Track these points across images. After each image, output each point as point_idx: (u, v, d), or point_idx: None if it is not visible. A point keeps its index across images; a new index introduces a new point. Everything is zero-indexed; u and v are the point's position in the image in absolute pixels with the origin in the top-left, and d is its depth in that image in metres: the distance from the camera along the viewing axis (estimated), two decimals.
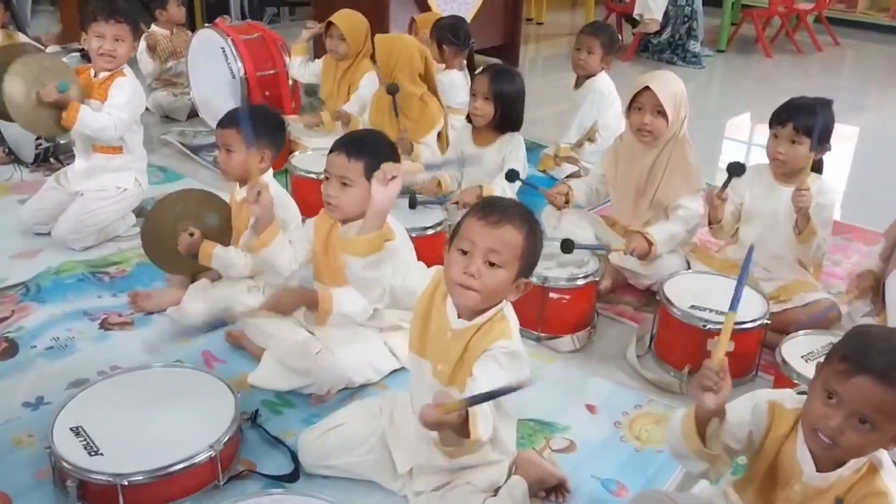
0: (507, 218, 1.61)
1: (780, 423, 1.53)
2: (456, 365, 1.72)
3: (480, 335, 1.69)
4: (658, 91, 2.65)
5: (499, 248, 1.61)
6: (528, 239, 1.64)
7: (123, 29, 2.97)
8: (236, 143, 2.48)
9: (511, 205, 1.68)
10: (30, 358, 2.35)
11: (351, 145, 2.16)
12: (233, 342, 2.44)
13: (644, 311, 2.73)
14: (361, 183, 2.14)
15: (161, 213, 2.52)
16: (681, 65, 6.17)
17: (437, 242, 2.86)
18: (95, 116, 2.92)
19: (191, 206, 2.54)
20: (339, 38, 3.78)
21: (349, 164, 2.13)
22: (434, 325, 1.77)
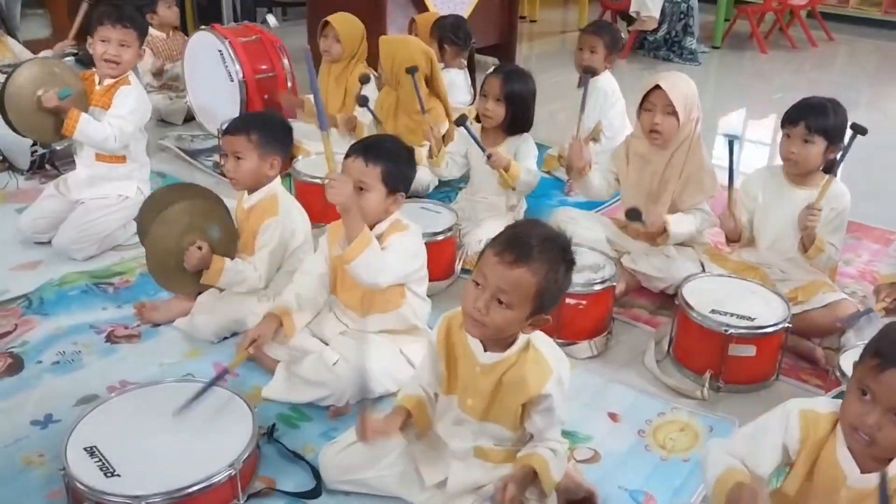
0: (524, 259, 1.54)
1: (815, 430, 1.49)
2: (490, 400, 1.71)
3: (515, 372, 1.67)
4: (669, 90, 2.62)
5: (508, 289, 1.56)
6: (547, 279, 1.57)
7: (130, 35, 2.91)
8: (246, 150, 2.42)
9: (536, 242, 1.57)
10: (36, 373, 2.29)
11: (369, 150, 2.12)
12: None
13: (659, 314, 2.69)
14: (378, 188, 2.10)
15: (164, 229, 2.40)
16: (677, 62, 6.16)
17: (447, 247, 2.82)
18: (96, 127, 2.86)
19: (196, 219, 2.45)
20: (334, 38, 3.73)
21: (367, 169, 2.09)
22: (460, 361, 1.75)
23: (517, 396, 1.68)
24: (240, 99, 3.96)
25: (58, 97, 2.81)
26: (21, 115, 2.90)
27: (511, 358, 1.67)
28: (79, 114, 2.85)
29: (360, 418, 1.74)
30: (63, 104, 2.82)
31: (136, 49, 2.94)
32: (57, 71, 2.92)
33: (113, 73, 2.94)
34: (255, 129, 2.43)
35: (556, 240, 1.62)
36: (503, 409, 1.71)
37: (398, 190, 2.15)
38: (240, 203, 2.57)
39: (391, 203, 2.15)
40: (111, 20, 2.88)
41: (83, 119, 2.85)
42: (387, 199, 2.13)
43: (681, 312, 2.37)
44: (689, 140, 2.70)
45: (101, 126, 2.88)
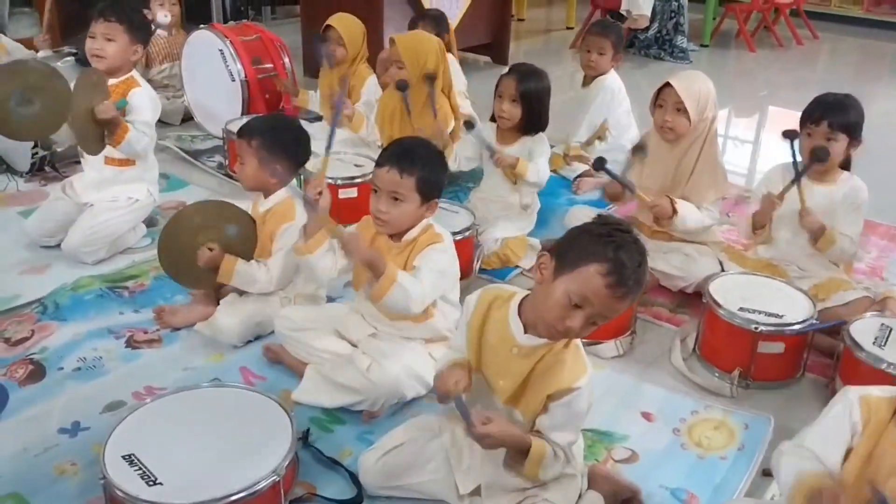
0: (635, 291, 1.54)
1: (877, 412, 1.49)
2: (521, 384, 1.68)
3: (552, 360, 1.65)
4: (679, 88, 2.63)
5: (611, 316, 1.57)
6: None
7: (114, 28, 2.85)
8: (246, 155, 2.41)
9: (644, 273, 1.55)
10: (58, 380, 2.24)
11: (403, 159, 2.07)
12: (271, 357, 2.35)
13: (679, 312, 2.70)
14: (413, 198, 2.08)
15: (179, 225, 2.42)
16: (668, 60, 6.19)
17: (465, 247, 2.80)
18: (137, 137, 2.83)
19: (210, 218, 2.44)
20: (337, 42, 3.69)
21: (401, 181, 2.05)
22: (493, 339, 1.72)
23: (549, 385, 1.65)
24: (242, 98, 3.92)
25: (115, 108, 2.75)
26: (79, 125, 2.79)
27: (550, 345, 1.65)
28: (129, 126, 2.80)
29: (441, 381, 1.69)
30: (118, 115, 2.76)
31: (124, 43, 2.86)
32: (95, 79, 2.83)
33: (100, 66, 2.87)
34: (257, 135, 2.41)
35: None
36: (531, 396, 1.68)
37: (433, 197, 2.13)
38: (255, 207, 2.54)
39: (426, 210, 2.13)
40: (96, 15, 2.84)
41: (131, 130, 2.80)
42: (421, 207, 2.11)
43: (708, 310, 2.38)
44: (702, 137, 2.71)
45: (140, 136, 2.85)
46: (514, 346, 1.68)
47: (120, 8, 2.86)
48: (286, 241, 2.41)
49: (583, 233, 1.59)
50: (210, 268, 2.39)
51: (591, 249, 1.53)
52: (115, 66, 2.89)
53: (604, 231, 1.56)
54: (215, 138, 4.03)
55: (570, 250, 1.56)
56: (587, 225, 1.63)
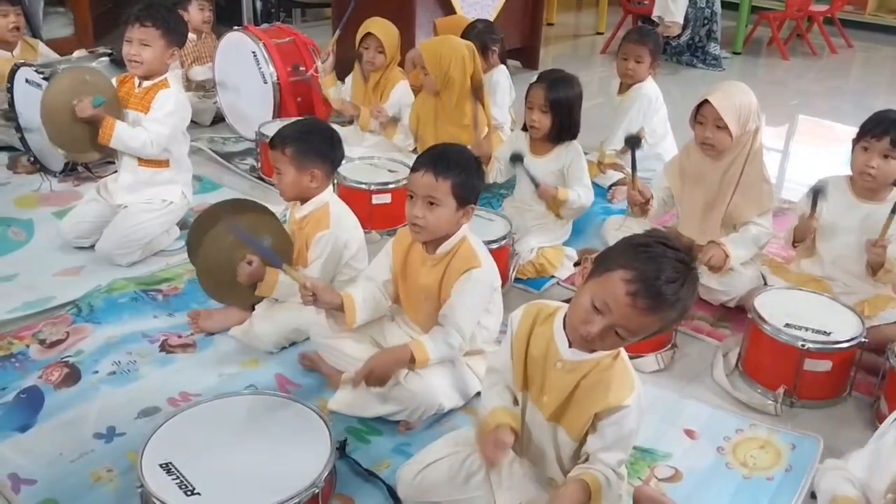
0: (659, 307, 1.45)
1: None
2: (566, 400, 1.64)
3: (598, 376, 1.61)
4: (717, 105, 2.57)
5: (636, 331, 1.49)
6: (671, 321, 1.50)
7: (150, 33, 2.84)
8: (283, 165, 2.38)
9: (676, 291, 1.45)
10: (93, 384, 2.23)
11: (439, 163, 2.05)
12: (307, 365, 2.33)
13: (720, 326, 2.65)
14: (449, 203, 2.04)
15: (214, 245, 2.32)
16: (701, 67, 6.12)
17: (501, 256, 2.77)
18: (132, 134, 2.81)
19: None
20: (377, 49, 3.68)
21: (437, 184, 2.03)
22: (537, 355, 1.69)
23: (595, 402, 1.60)
24: (273, 101, 3.91)
25: (92, 105, 2.75)
26: (59, 130, 2.85)
27: (597, 361, 1.61)
28: (113, 121, 2.79)
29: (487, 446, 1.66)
30: (97, 112, 2.76)
31: (159, 48, 2.85)
32: (88, 78, 2.86)
33: (137, 72, 2.88)
34: (289, 143, 2.37)
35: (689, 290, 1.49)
36: (576, 413, 1.63)
37: (469, 202, 2.09)
38: (292, 213, 2.52)
39: (462, 216, 2.10)
40: (132, 20, 2.83)
41: (118, 126, 2.79)
42: (457, 212, 2.08)
43: (752, 326, 2.33)
44: (746, 151, 2.65)
45: (136, 132, 2.83)
46: (558, 361, 1.64)
47: (156, 12, 2.86)
48: (322, 249, 2.38)
49: (626, 241, 1.56)
50: (252, 282, 2.33)
51: (624, 256, 1.49)
52: (152, 71, 2.88)
53: (644, 241, 1.52)
54: (247, 140, 4.02)
55: (608, 256, 1.54)
56: (636, 235, 1.59)
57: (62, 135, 2.90)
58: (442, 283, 2.10)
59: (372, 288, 2.22)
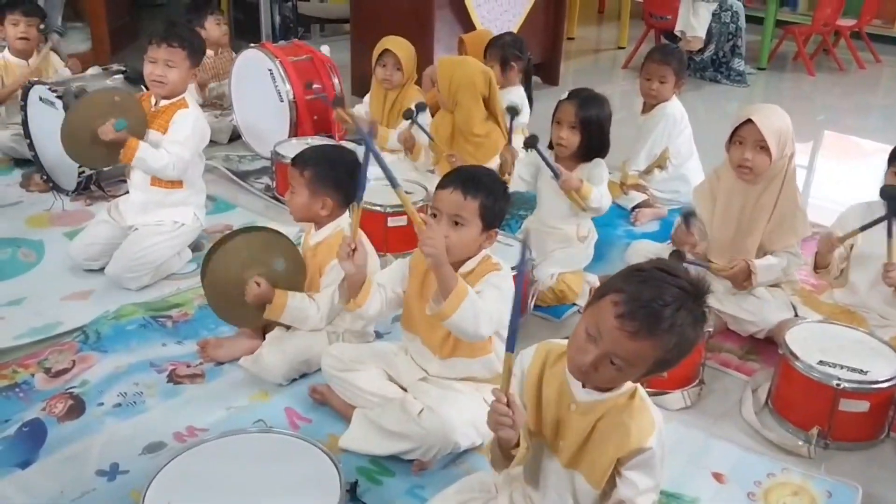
0: (649, 331, 1.38)
1: None
2: (582, 444, 1.55)
3: (615, 418, 1.52)
4: (761, 125, 2.46)
5: (630, 360, 1.42)
6: (668, 351, 1.41)
7: (177, 54, 2.79)
8: (298, 186, 2.32)
9: (671, 316, 1.37)
10: (98, 417, 2.16)
11: (468, 182, 1.97)
12: (318, 399, 2.24)
13: (749, 359, 2.54)
14: (475, 223, 1.97)
15: (224, 262, 2.31)
16: (725, 83, 6.01)
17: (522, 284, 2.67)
18: (155, 155, 2.76)
19: (256, 251, 2.34)
20: (395, 66, 3.62)
21: (465, 203, 1.95)
22: (550, 397, 1.61)
23: (614, 446, 1.52)
24: (289, 120, 3.85)
25: (114, 129, 2.70)
26: (77, 148, 2.82)
27: (612, 401, 1.53)
28: (137, 143, 2.74)
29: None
30: (119, 136, 2.71)
31: (184, 69, 2.82)
32: (118, 100, 2.81)
33: (161, 92, 2.83)
34: (310, 167, 2.31)
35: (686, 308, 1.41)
36: (594, 458, 1.55)
37: (494, 226, 2.01)
38: (306, 237, 2.44)
39: (485, 239, 2.01)
40: (157, 39, 2.78)
41: (142, 147, 2.74)
42: (481, 234, 2.00)
43: (783, 361, 2.22)
44: (781, 176, 2.54)
45: (159, 154, 2.77)
46: (572, 403, 1.56)
47: (181, 32, 2.81)
48: (336, 276, 2.30)
49: (627, 267, 1.52)
50: (259, 304, 2.29)
51: (618, 279, 1.45)
52: (174, 92, 2.84)
53: (642, 266, 1.47)
54: (263, 158, 3.96)
55: (606, 282, 1.49)
56: (638, 263, 1.54)
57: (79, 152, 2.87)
58: None
59: (382, 293, 2.13)
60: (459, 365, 2.10)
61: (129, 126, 2.73)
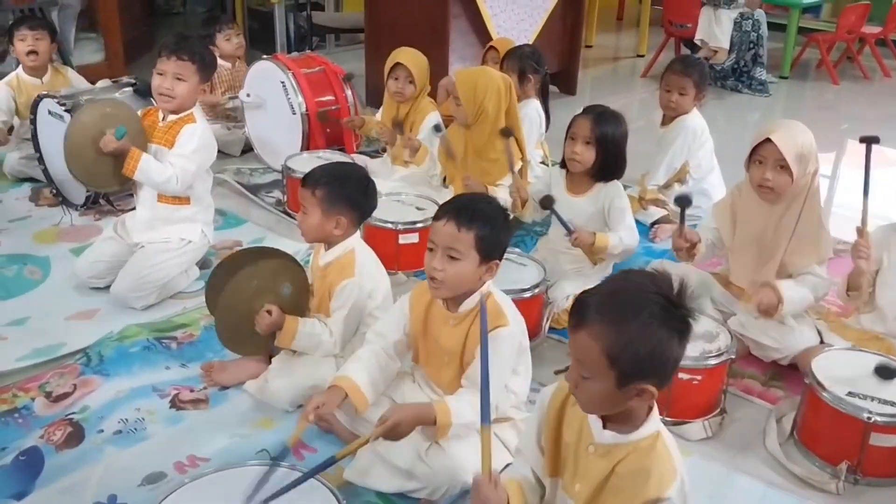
0: (582, 317, 1.38)
1: None
2: (598, 488, 1.47)
3: (635, 462, 1.43)
4: (781, 144, 2.37)
5: (583, 360, 1.38)
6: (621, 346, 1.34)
7: (186, 67, 2.72)
8: (310, 206, 2.24)
9: (613, 301, 1.38)
10: (97, 445, 2.09)
11: (462, 213, 1.88)
12: (323, 427, 2.16)
13: (773, 386, 2.44)
14: (471, 257, 1.88)
15: (234, 294, 2.22)
16: (746, 92, 5.89)
17: (534, 305, 2.60)
18: (158, 168, 2.69)
19: (264, 279, 2.25)
20: (407, 79, 3.55)
21: (459, 235, 1.86)
22: (570, 438, 1.53)
23: (632, 493, 1.43)
24: (301, 132, 3.80)
25: (115, 138, 2.64)
26: (84, 167, 2.76)
27: (633, 444, 1.44)
28: (139, 153, 2.68)
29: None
30: (122, 144, 2.65)
31: (193, 83, 2.75)
32: (109, 111, 2.75)
33: (168, 107, 2.77)
34: (321, 186, 2.23)
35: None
36: (612, 500, 1.47)
37: (493, 258, 1.92)
38: (315, 257, 2.37)
39: (484, 272, 1.92)
40: (167, 52, 2.71)
41: (144, 158, 2.68)
42: (479, 267, 1.90)
43: (810, 392, 2.12)
44: (803, 195, 2.44)
45: (162, 167, 2.71)
46: (590, 444, 1.48)
47: (192, 46, 2.75)
48: (345, 299, 2.23)
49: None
50: (272, 332, 2.22)
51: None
52: (182, 107, 2.78)
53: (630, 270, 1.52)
54: (275, 171, 3.90)
55: None
56: None
57: (87, 171, 2.81)
58: (465, 346, 1.93)
59: (377, 351, 2.05)
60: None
61: (128, 133, 2.67)
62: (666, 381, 1.40)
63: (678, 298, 1.37)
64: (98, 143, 2.67)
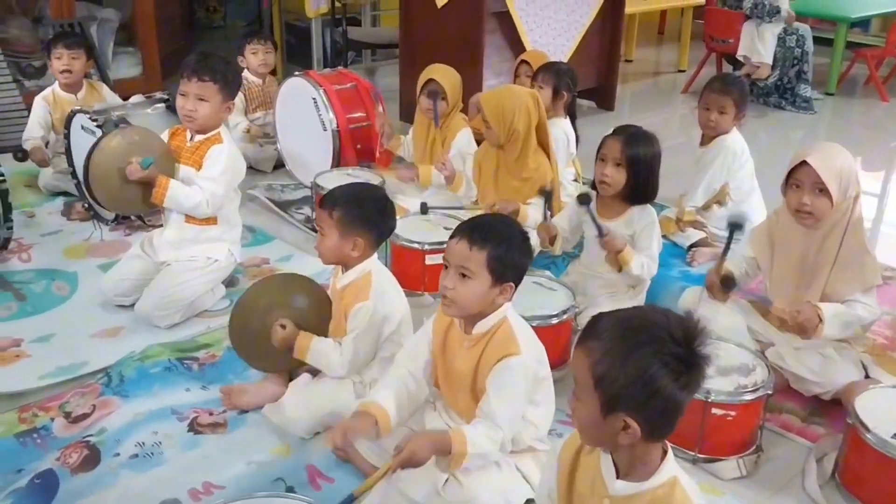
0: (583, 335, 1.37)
1: None
2: None
3: None
4: (818, 167, 2.26)
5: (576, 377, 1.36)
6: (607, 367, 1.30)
7: (209, 88, 2.70)
8: (328, 227, 2.19)
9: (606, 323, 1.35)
10: (112, 469, 2.06)
11: (476, 231, 1.83)
12: (341, 456, 2.11)
13: (813, 422, 2.32)
14: (482, 277, 1.82)
15: (246, 312, 2.25)
16: (790, 110, 5.73)
17: (562, 332, 2.51)
18: (187, 193, 2.68)
19: (274, 295, 2.26)
20: (441, 96, 3.49)
21: (470, 254, 1.81)
22: (583, 489, 1.46)
23: None
24: (332, 149, 3.77)
25: (141, 167, 2.63)
26: (110, 194, 2.76)
27: (650, 493, 1.36)
28: (167, 181, 2.67)
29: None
30: (148, 174, 2.64)
31: (216, 103, 2.72)
32: (137, 139, 2.73)
33: (192, 127, 2.76)
34: (338, 207, 2.18)
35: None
36: None
37: (506, 280, 1.85)
38: (334, 280, 2.32)
39: (498, 294, 1.86)
40: (188, 72, 2.69)
41: (172, 186, 2.67)
42: (492, 289, 1.84)
43: (853, 432, 2.00)
44: (845, 220, 2.33)
45: (191, 191, 2.70)
46: (605, 497, 1.41)
47: (213, 65, 2.72)
48: (359, 322, 2.18)
49: None
50: (286, 346, 2.20)
51: None
52: (207, 127, 2.76)
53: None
54: (305, 188, 3.88)
55: None
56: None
57: (114, 198, 2.80)
58: (477, 371, 1.87)
59: (405, 376, 1.99)
60: None
61: (156, 163, 2.66)
62: (654, 420, 1.30)
63: (686, 341, 1.29)
64: (123, 171, 2.65)
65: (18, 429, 2.21)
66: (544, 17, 4.83)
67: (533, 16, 4.77)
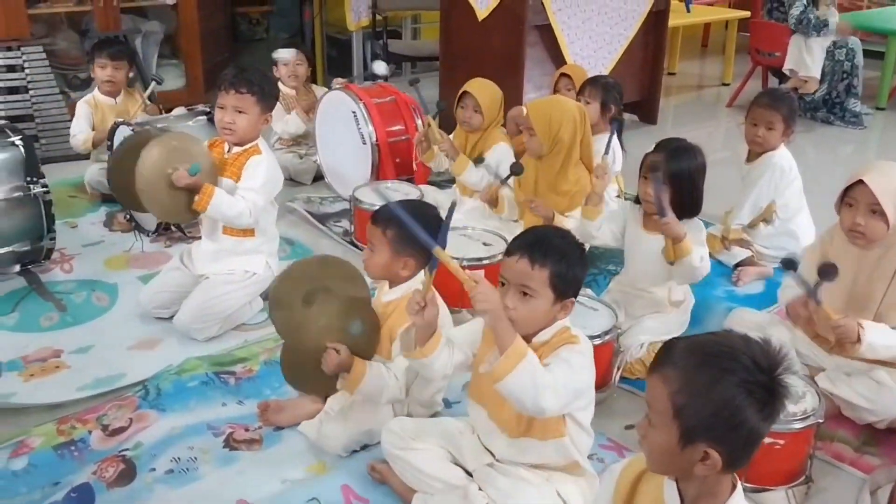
0: (659, 362, 1.32)
1: None
2: None
3: None
4: (874, 186, 2.19)
5: (652, 404, 1.31)
6: (687, 396, 1.25)
7: (246, 100, 2.70)
8: (380, 244, 2.16)
9: (683, 347, 1.31)
10: (147, 484, 2.05)
11: (536, 248, 1.78)
12: (377, 478, 2.08)
13: (867, 452, 2.23)
14: (545, 295, 1.77)
15: (303, 330, 2.15)
16: (838, 125, 5.60)
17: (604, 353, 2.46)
18: (230, 203, 2.67)
19: (334, 318, 2.16)
20: (473, 109, 3.47)
21: (532, 272, 1.76)
22: None
23: None
24: (371, 162, 3.75)
25: (188, 174, 2.63)
26: (156, 201, 2.74)
27: None
28: (212, 188, 2.67)
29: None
30: (195, 181, 2.64)
31: (254, 115, 2.72)
32: (176, 144, 2.73)
33: (231, 139, 2.76)
34: (394, 225, 2.13)
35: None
36: None
37: (569, 295, 1.81)
38: (379, 295, 2.29)
39: (559, 310, 1.81)
40: (226, 85, 2.70)
41: (217, 194, 2.66)
42: (554, 305, 1.79)
43: None
44: None
45: (234, 201, 2.69)
46: None
47: (250, 78, 2.72)
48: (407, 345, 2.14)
49: None
50: (337, 372, 2.13)
51: None
52: (245, 139, 2.76)
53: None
54: (344, 200, 3.87)
55: None
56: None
57: (159, 204, 2.78)
58: None
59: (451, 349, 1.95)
60: (529, 447, 1.88)
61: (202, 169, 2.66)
62: (735, 451, 1.26)
63: (770, 369, 1.24)
64: (169, 178, 2.65)
65: (57, 440, 2.21)
66: (586, 29, 4.78)
67: (575, 28, 4.72)
